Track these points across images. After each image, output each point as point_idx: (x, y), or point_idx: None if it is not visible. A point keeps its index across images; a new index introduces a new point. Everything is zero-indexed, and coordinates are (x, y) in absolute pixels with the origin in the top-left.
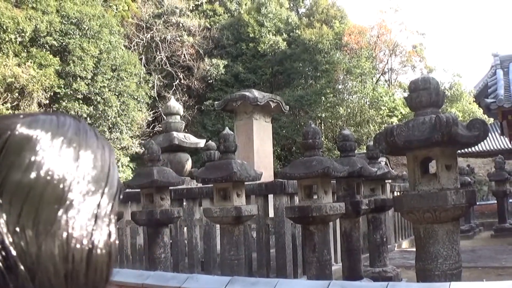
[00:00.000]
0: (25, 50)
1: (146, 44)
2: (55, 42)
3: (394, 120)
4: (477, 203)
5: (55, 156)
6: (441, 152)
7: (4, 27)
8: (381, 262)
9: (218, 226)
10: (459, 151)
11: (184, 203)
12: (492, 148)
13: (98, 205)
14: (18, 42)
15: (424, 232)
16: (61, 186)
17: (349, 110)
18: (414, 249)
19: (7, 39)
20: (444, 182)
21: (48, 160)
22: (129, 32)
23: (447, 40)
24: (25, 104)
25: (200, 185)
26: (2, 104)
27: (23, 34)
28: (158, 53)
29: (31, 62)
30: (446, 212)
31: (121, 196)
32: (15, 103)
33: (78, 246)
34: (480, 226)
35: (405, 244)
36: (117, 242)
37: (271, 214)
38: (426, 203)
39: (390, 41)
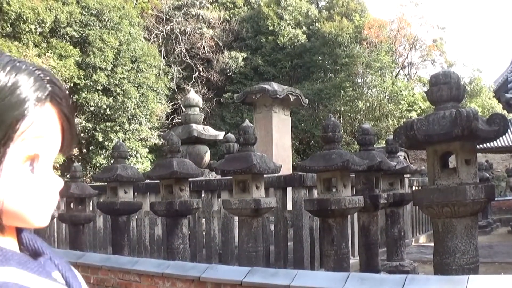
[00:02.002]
0: (45, 41)
1: (165, 36)
2: (75, 33)
3: (413, 115)
4: (495, 198)
5: None
6: (461, 147)
7: (25, 18)
8: (398, 256)
9: (236, 218)
10: (478, 146)
11: (203, 195)
12: (511, 144)
13: None
14: (38, 33)
15: (442, 226)
16: None
17: (368, 104)
18: (431, 244)
19: (27, 29)
20: (463, 176)
21: None
22: (149, 24)
23: (467, 35)
24: None
25: (218, 177)
26: None
27: (43, 24)
28: (177, 45)
29: (51, 53)
30: (465, 206)
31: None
32: None
33: None
34: (497, 222)
35: (422, 239)
36: None
37: (290, 207)
38: (445, 197)
39: (410, 35)
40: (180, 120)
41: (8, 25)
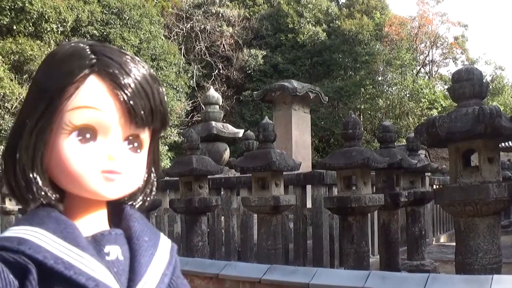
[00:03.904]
0: (67, 40)
1: (185, 34)
2: (96, 31)
3: (434, 113)
4: None
5: None
6: (484, 145)
7: (46, 17)
8: (419, 256)
9: (255, 215)
10: (500, 145)
11: (222, 192)
12: None
13: None
14: (59, 32)
15: (464, 225)
16: None
17: (388, 102)
18: (452, 244)
19: (48, 28)
20: (486, 175)
21: None
22: (169, 22)
23: (489, 32)
24: None
25: (238, 174)
26: None
27: (64, 23)
28: (197, 43)
29: None
30: (488, 205)
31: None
32: None
33: None
34: None
35: (443, 239)
36: None
37: (309, 204)
38: (467, 195)
39: (431, 32)
40: (200, 118)
41: (31, 24)
